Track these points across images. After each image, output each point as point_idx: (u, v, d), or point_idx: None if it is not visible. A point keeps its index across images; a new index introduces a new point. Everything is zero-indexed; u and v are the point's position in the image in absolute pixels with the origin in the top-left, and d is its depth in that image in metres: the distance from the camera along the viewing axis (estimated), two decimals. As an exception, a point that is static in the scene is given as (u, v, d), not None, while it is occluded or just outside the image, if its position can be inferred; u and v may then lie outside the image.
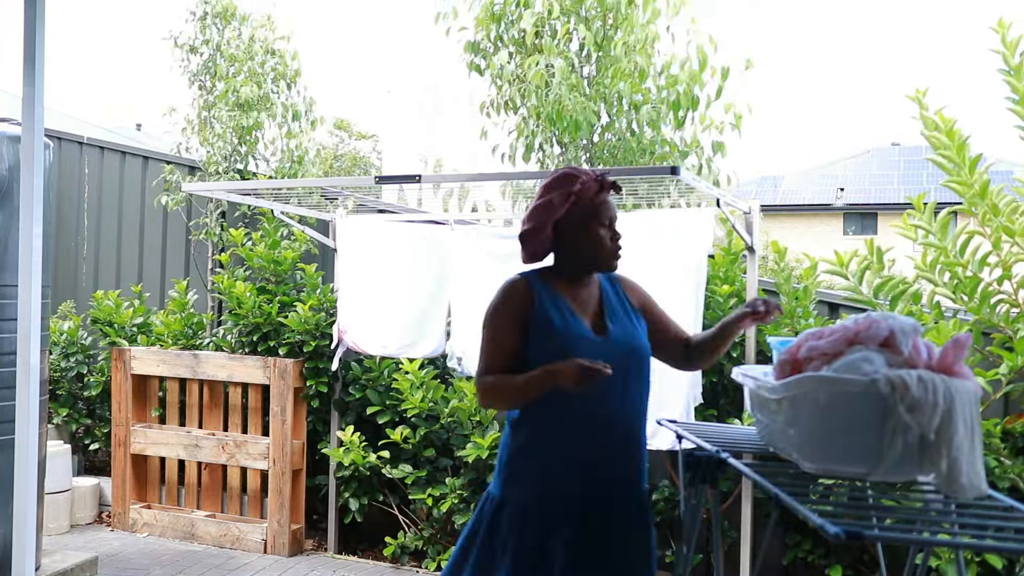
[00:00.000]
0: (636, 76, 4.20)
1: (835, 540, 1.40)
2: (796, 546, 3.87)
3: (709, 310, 3.93)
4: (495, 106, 4.63)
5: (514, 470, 2.20)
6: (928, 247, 3.55)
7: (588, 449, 2.15)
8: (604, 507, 2.16)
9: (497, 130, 4.71)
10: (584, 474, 2.15)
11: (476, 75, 4.73)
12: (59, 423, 5.55)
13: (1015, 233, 3.38)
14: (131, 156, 6.33)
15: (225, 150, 5.60)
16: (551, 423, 2.16)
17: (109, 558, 4.54)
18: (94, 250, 6.33)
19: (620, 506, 2.18)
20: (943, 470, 1.63)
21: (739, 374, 2.28)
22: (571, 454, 2.15)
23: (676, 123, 4.31)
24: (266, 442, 4.77)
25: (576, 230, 2.20)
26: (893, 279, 3.59)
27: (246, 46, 5.67)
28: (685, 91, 4.23)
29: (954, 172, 3.49)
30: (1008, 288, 3.46)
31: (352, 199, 4.82)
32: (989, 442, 3.33)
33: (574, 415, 2.13)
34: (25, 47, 2.64)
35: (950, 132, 3.48)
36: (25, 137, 2.68)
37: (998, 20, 3.38)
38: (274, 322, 4.92)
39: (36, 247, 2.68)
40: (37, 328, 2.69)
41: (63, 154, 6.36)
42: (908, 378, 1.64)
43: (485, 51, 4.63)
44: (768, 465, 2.12)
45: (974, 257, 3.48)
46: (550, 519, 2.13)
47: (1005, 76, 3.40)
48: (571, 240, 2.21)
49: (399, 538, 4.65)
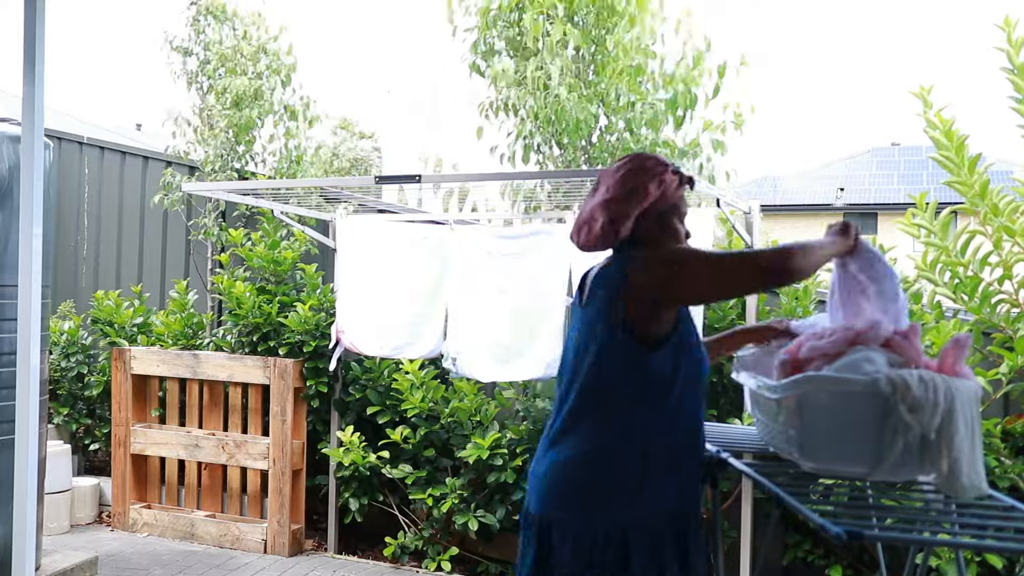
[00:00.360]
0: (632, 75, 4.19)
1: (835, 540, 1.40)
2: (796, 546, 3.87)
3: (709, 310, 3.93)
4: (494, 108, 4.63)
5: (632, 490, 1.95)
6: (929, 246, 3.55)
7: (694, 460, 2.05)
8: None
9: (496, 131, 4.71)
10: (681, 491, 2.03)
11: (477, 76, 4.73)
12: (59, 423, 5.55)
13: (1016, 233, 3.37)
14: (131, 156, 6.33)
15: (222, 149, 5.60)
16: (666, 437, 1.98)
17: (109, 558, 4.53)
18: (94, 250, 6.33)
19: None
20: (943, 470, 1.63)
21: (739, 374, 2.28)
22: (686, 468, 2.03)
23: (676, 122, 4.30)
24: (266, 442, 4.77)
25: (656, 222, 2.06)
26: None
27: (237, 44, 5.66)
28: (683, 90, 4.23)
29: (955, 171, 3.49)
30: (1009, 288, 3.46)
31: (352, 199, 4.82)
32: (989, 442, 3.33)
33: (687, 419, 2.00)
34: (25, 47, 2.64)
35: (948, 132, 3.47)
36: (25, 137, 2.68)
37: (1004, 18, 3.38)
38: (274, 322, 4.92)
39: (36, 247, 2.68)
40: (37, 328, 2.69)
41: (63, 154, 6.35)
42: (909, 378, 1.63)
43: (485, 53, 4.63)
44: (768, 465, 2.12)
45: (975, 257, 3.48)
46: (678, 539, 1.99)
47: (1008, 75, 3.40)
48: (649, 232, 2.06)
49: (399, 538, 4.65)
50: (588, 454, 1.98)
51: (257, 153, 5.84)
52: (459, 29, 4.66)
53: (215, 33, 5.68)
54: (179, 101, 17.43)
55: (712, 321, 3.94)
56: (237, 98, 5.54)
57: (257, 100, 5.63)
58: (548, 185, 4.25)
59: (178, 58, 5.78)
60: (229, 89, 5.52)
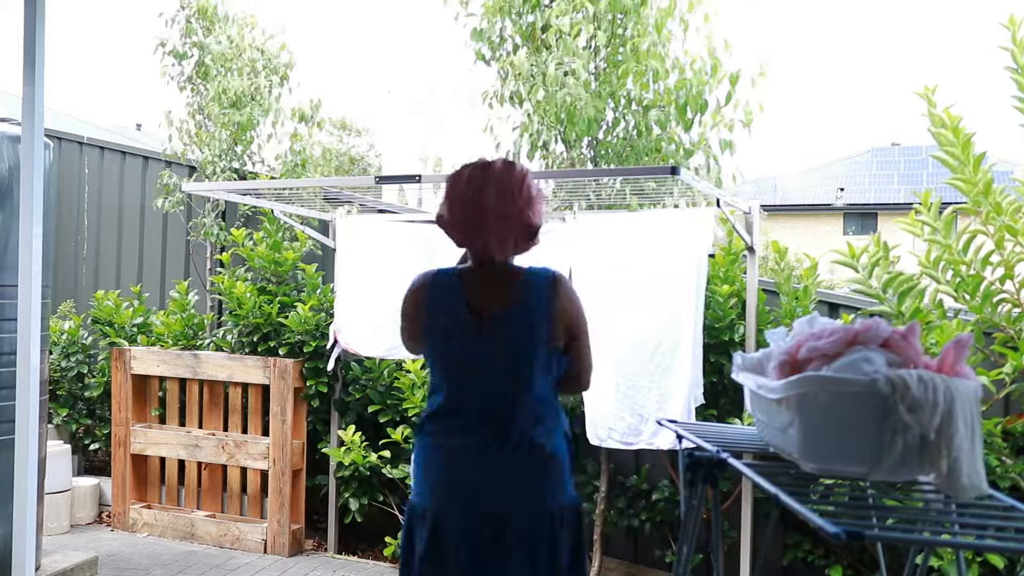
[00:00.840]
0: (647, 77, 4.16)
1: (835, 540, 1.40)
2: (796, 546, 3.87)
3: (709, 310, 3.93)
4: (499, 98, 4.58)
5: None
6: (933, 244, 3.55)
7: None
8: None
9: (501, 124, 4.65)
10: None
11: (482, 65, 4.68)
12: (59, 423, 5.55)
13: (1018, 232, 3.37)
14: (131, 156, 6.33)
15: (220, 148, 5.59)
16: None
17: (109, 558, 4.53)
18: (94, 250, 6.33)
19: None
20: (943, 470, 1.63)
21: (739, 374, 2.27)
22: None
23: (685, 124, 4.28)
24: (266, 442, 4.77)
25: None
26: (901, 275, 3.59)
27: (232, 45, 5.66)
28: (696, 94, 4.19)
29: (958, 170, 3.48)
30: (1010, 287, 3.46)
31: (352, 199, 4.82)
32: (990, 442, 3.33)
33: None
34: (25, 47, 2.64)
35: (955, 129, 3.47)
36: (25, 137, 2.68)
37: (1009, 17, 3.37)
38: (274, 322, 4.92)
39: (36, 247, 2.68)
40: (37, 328, 2.69)
41: (63, 154, 6.35)
42: (908, 378, 1.63)
43: (492, 41, 4.57)
44: (768, 465, 2.12)
45: (977, 256, 3.48)
46: None
47: (1012, 74, 3.39)
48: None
49: (399, 538, 4.65)
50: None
51: (254, 152, 5.84)
52: (461, 14, 4.59)
53: (208, 36, 5.67)
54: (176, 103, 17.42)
55: (712, 321, 3.94)
56: (234, 98, 5.54)
57: (255, 100, 5.63)
58: (552, 182, 4.24)
59: (172, 61, 5.78)
60: (227, 90, 5.52)
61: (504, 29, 4.53)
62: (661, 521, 4.22)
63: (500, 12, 4.43)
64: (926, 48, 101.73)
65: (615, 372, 3.73)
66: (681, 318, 3.64)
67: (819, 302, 4.11)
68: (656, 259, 3.67)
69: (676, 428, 2.51)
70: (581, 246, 3.86)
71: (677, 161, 4.33)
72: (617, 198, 4.26)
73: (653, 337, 3.67)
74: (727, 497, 3.96)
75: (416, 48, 43.41)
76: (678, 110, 4.25)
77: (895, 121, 61.88)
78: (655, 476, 4.35)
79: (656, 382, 3.67)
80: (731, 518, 3.98)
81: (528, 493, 2.12)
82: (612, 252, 3.77)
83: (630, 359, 3.70)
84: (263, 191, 4.55)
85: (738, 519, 3.84)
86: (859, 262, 3.68)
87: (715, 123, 4.32)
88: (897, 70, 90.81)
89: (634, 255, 3.73)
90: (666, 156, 4.31)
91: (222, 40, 5.63)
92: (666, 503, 4.15)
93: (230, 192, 4.47)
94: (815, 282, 3.94)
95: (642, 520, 4.23)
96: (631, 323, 3.70)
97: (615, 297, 3.73)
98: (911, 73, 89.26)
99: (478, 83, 5.20)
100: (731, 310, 3.97)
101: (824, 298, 4.14)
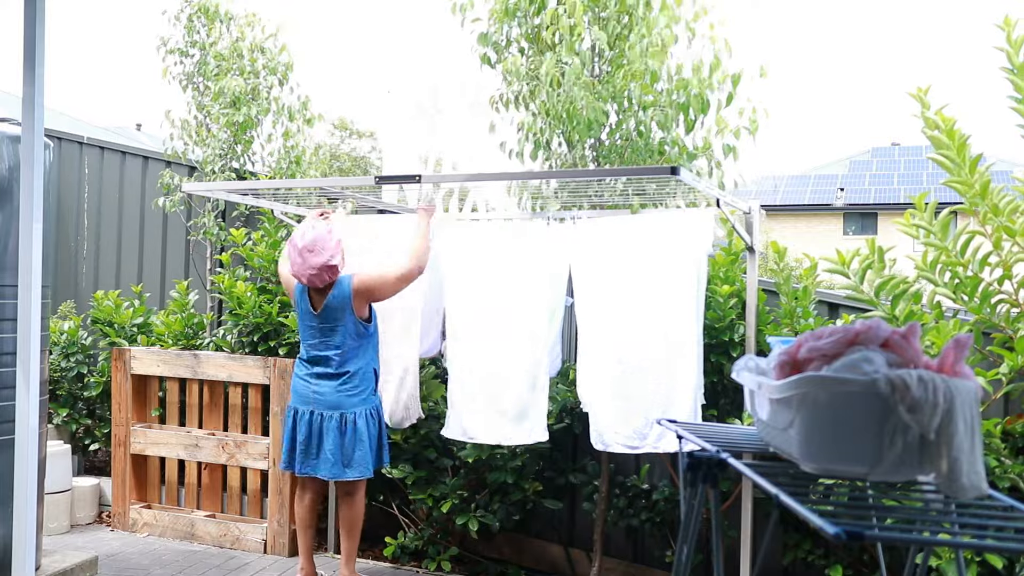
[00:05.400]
0: (648, 79, 4.15)
1: (835, 540, 1.40)
2: (796, 546, 3.87)
3: (709, 310, 3.93)
4: (504, 101, 4.59)
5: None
6: (929, 247, 3.55)
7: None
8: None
9: (505, 125, 4.66)
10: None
11: (487, 69, 4.68)
12: (59, 423, 5.55)
13: (1015, 233, 3.37)
14: (131, 156, 6.33)
15: (220, 148, 5.59)
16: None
17: (109, 558, 4.54)
18: (94, 250, 6.33)
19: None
20: (943, 470, 1.63)
21: (739, 374, 2.28)
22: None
23: (687, 125, 4.27)
24: (266, 442, 4.77)
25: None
26: (894, 278, 3.58)
27: (233, 44, 5.66)
28: (698, 95, 4.19)
29: (955, 171, 3.48)
30: (1009, 288, 3.46)
31: (353, 199, 4.82)
32: (989, 442, 3.33)
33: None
34: (25, 47, 2.64)
35: (950, 132, 3.47)
36: (25, 137, 2.68)
37: (1004, 18, 3.37)
38: (274, 322, 4.92)
39: (36, 247, 2.68)
40: (37, 328, 2.69)
41: (63, 154, 6.36)
42: (908, 378, 1.63)
43: (497, 44, 4.57)
44: (768, 465, 2.12)
45: (975, 257, 3.48)
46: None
47: (1008, 75, 3.39)
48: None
49: (399, 538, 4.65)
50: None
51: (255, 152, 5.84)
52: (467, 20, 4.61)
53: (210, 34, 5.67)
54: (177, 102, 17.44)
55: (712, 321, 3.95)
56: (234, 98, 5.54)
57: (255, 99, 5.63)
58: (555, 182, 4.23)
59: (174, 59, 5.78)
60: (226, 89, 5.52)
61: (510, 32, 4.54)
62: (661, 521, 4.22)
63: (506, 15, 4.43)
64: (926, 48, 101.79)
65: (616, 373, 3.72)
66: (682, 319, 3.64)
67: (819, 302, 4.11)
68: (656, 259, 3.67)
69: (676, 428, 2.52)
70: (582, 247, 3.86)
71: (678, 163, 4.32)
72: (619, 199, 4.26)
73: (654, 338, 3.67)
74: (727, 497, 3.96)
75: (418, 49, 43.43)
76: (680, 110, 4.25)
77: (896, 121, 61.96)
78: (655, 476, 4.35)
79: (660, 383, 3.66)
80: (731, 518, 3.98)
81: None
82: (612, 252, 3.77)
83: (631, 360, 3.70)
84: (262, 191, 4.55)
85: (738, 519, 3.84)
86: (849, 268, 3.68)
87: (720, 129, 4.31)
88: (897, 70, 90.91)
89: (634, 255, 3.73)
90: (669, 158, 4.31)
91: (224, 37, 5.63)
92: (666, 503, 4.15)
93: (230, 192, 4.47)
94: (815, 282, 3.94)
95: (642, 520, 4.23)
96: (631, 323, 3.70)
97: (615, 298, 3.73)
98: (911, 73, 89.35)
99: (482, 86, 5.18)
100: (731, 310, 3.97)
101: (824, 298, 4.15)
